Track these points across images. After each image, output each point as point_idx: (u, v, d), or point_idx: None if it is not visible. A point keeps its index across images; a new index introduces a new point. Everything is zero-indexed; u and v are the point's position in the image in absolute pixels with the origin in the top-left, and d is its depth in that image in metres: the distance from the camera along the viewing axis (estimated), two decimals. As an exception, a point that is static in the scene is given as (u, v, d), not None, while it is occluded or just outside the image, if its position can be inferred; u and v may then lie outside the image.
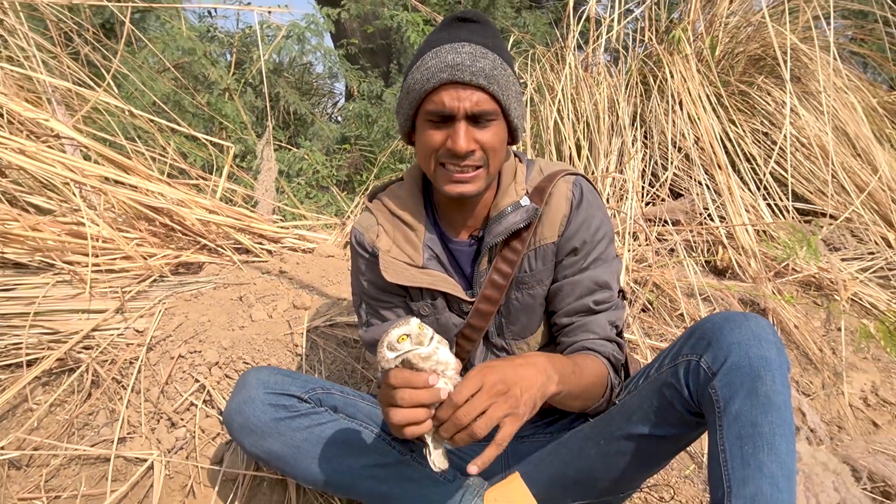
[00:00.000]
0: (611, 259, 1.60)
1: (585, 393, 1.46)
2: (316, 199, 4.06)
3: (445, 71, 1.36)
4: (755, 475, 1.26)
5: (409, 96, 1.45)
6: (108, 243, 2.40)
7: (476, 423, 1.13)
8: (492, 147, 1.44)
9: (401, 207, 1.60)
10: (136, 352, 2.15)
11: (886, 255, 3.24)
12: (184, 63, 4.09)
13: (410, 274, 1.56)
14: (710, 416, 1.37)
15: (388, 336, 1.20)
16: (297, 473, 1.61)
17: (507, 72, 1.42)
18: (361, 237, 1.62)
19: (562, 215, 1.54)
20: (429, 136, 1.43)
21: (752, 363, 1.31)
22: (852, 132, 3.54)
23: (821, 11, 3.70)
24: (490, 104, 1.40)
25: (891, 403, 2.60)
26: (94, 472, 1.91)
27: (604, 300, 1.57)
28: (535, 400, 1.23)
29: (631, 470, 1.60)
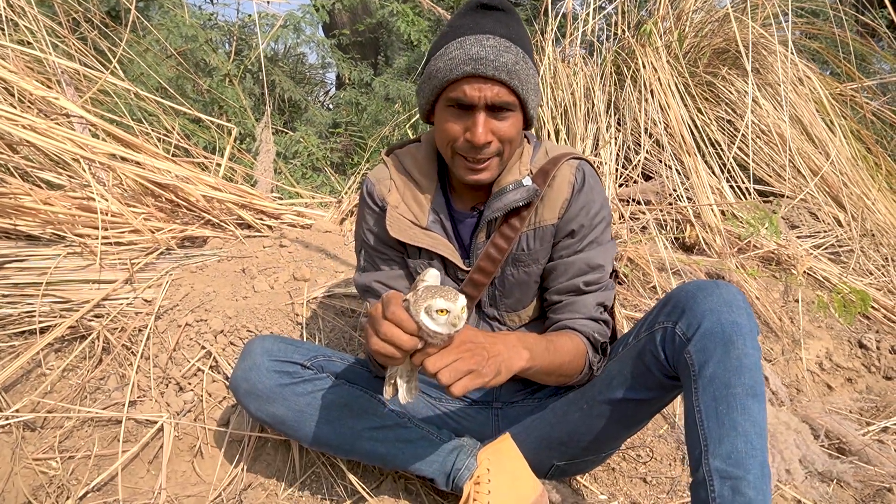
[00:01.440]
0: (606, 242, 1.54)
1: (560, 370, 1.41)
2: (311, 179, 3.96)
3: (469, 64, 1.29)
4: (730, 433, 1.24)
5: (430, 82, 1.37)
6: (116, 217, 2.30)
7: (441, 371, 1.10)
8: (509, 138, 1.38)
9: (415, 167, 1.53)
10: (144, 320, 2.07)
11: (837, 233, 3.23)
12: (186, 50, 3.96)
13: (413, 233, 1.49)
14: (686, 380, 1.34)
15: (434, 298, 1.11)
16: (301, 436, 1.55)
17: (528, 64, 1.35)
18: (372, 188, 1.55)
19: (563, 198, 1.48)
20: (448, 125, 1.37)
21: (724, 328, 1.29)
22: (807, 121, 3.51)
23: (779, 9, 3.66)
24: (510, 97, 1.33)
25: (843, 368, 2.58)
26: (106, 433, 1.84)
27: (594, 281, 1.50)
28: (500, 368, 1.20)
29: (612, 431, 1.57)
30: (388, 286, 1.55)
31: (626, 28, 3.57)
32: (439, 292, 1.12)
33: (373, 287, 1.56)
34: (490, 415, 1.68)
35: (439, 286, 1.16)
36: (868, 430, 2.31)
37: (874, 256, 3.20)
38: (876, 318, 2.84)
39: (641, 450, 2.04)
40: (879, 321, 2.84)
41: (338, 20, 6.38)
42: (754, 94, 3.34)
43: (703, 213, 3.01)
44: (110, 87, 2.80)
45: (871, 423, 2.37)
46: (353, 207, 2.88)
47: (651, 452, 2.01)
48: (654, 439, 2.10)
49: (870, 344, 2.69)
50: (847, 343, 2.70)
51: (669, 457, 2.06)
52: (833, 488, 2.03)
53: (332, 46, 4.84)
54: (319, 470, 1.82)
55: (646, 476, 1.99)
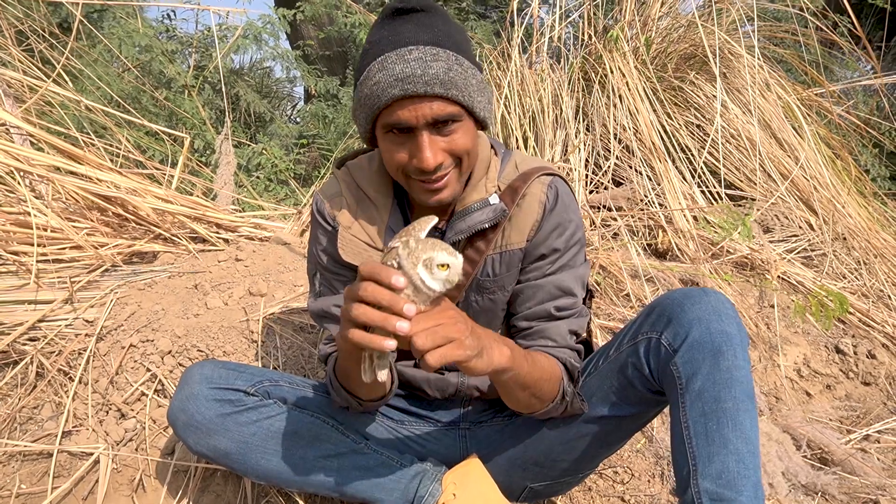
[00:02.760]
0: (578, 265, 1.37)
1: (535, 386, 1.24)
2: (275, 192, 3.80)
3: (395, 86, 1.10)
4: (720, 452, 1.12)
5: (362, 110, 1.19)
6: (56, 233, 2.13)
7: (418, 334, 0.93)
8: (463, 149, 1.19)
9: (368, 182, 1.35)
10: (84, 342, 1.89)
11: (809, 237, 3.15)
12: (142, 63, 3.79)
13: (368, 255, 1.33)
14: (672, 394, 1.21)
15: (435, 251, 0.98)
16: (248, 470, 1.38)
17: (464, 66, 1.14)
18: (322, 205, 1.38)
19: (533, 220, 1.31)
20: (393, 155, 1.19)
21: (714, 338, 1.16)
22: (775, 125, 3.45)
23: (744, 14, 3.60)
24: (451, 108, 1.14)
25: (822, 374, 2.49)
26: (35, 468, 1.65)
27: (566, 307, 1.34)
28: (482, 349, 1.03)
29: (591, 450, 1.44)
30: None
31: (592, 34, 3.49)
32: (439, 245, 0.99)
33: (331, 312, 1.39)
34: (457, 437, 1.53)
35: (433, 239, 1.02)
36: (850, 439, 2.21)
37: (847, 260, 3.13)
38: (851, 322, 2.76)
39: (619, 467, 1.91)
40: (855, 325, 2.75)
41: (304, 33, 6.24)
42: (723, 98, 3.27)
43: (676, 219, 2.92)
44: (55, 98, 2.63)
45: (852, 431, 2.27)
46: (314, 219, 2.73)
47: (630, 472, 1.88)
48: (632, 454, 1.97)
49: (847, 349, 2.60)
50: (824, 349, 2.60)
51: (648, 473, 1.93)
52: (818, 501, 1.92)
53: (297, 57, 4.69)
54: (273, 500, 1.66)
55: (623, 494, 1.86)
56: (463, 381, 1.46)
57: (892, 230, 3.60)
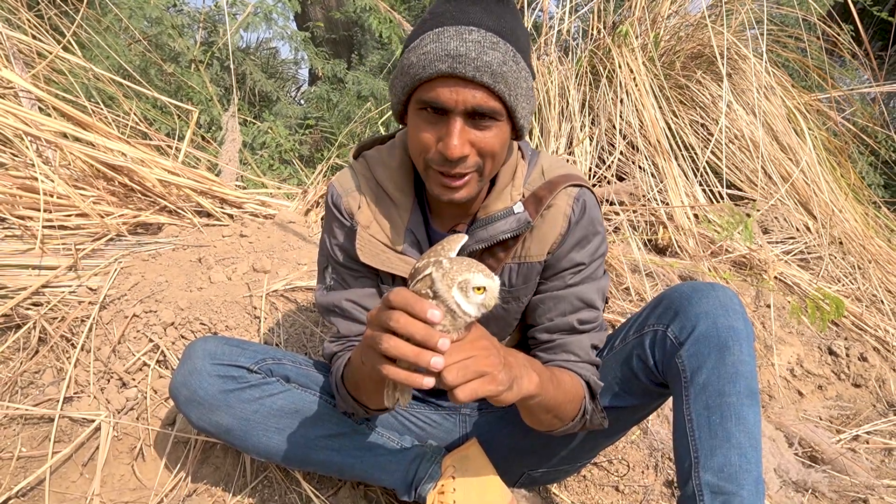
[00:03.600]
0: (599, 277, 1.31)
1: (559, 408, 1.19)
2: (279, 171, 3.77)
3: (445, 61, 1.02)
4: (723, 445, 1.11)
5: (402, 78, 1.10)
6: (62, 199, 2.10)
7: (449, 368, 0.86)
8: (491, 152, 1.11)
9: (388, 179, 1.27)
10: (87, 310, 1.87)
11: (806, 240, 3.15)
12: (151, 36, 3.73)
13: (387, 257, 1.26)
14: (676, 386, 1.19)
15: (471, 272, 0.90)
16: (249, 447, 1.37)
17: (520, 65, 1.07)
18: (339, 200, 1.29)
19: (556, 234, 1.24)
20: (420, 133, 1.11)
21: (720, 333, 1.15)
22: (778, 128, 3.44)
23: (753, 16, 3.58)
24: (494, 103, 1.06)
25: (814, 374, 2.49)
26: (36, 432, 1.63)
27: (589, 320, 1.29)
28: (514, 380, 0.98)
29: (590, 440, 1.43)
30: (362, 306, 1.32)
31: (601, 28, 3.46)
32: (474, 266, 0.91)
33: (342, 306, 1.32)
34: (457, 421, 1.52)
35: (467, 258, 0.94)
36: (840, 439, 2.22)
37: (842, 264, 3.13)
38: (844, 325, 2.76)
39: (614, 458, 1.91)
40: (848, 328, 2.75)
41: (311, 14, 6.17)
42: (728, 99, 3.25)
43: (677, 216, 2.90)
44: (65, 65, 2.59)
45: (842, 430, 2.27)
46: (318, 199, 2.70)
47: (625, 463, 1.88)
48: (627, 445, 1.97)
49: (839, 351, 2.60)
50: (817, 350, 2.61)
51: (642, 464, 1.93)
52: (808, 498, 1.92)
53: (305, 39, 4.63)
54: (272, 476, 1.65)
55: (618, 485, 1.85)
56: None
57: (885, 237, 3.61)
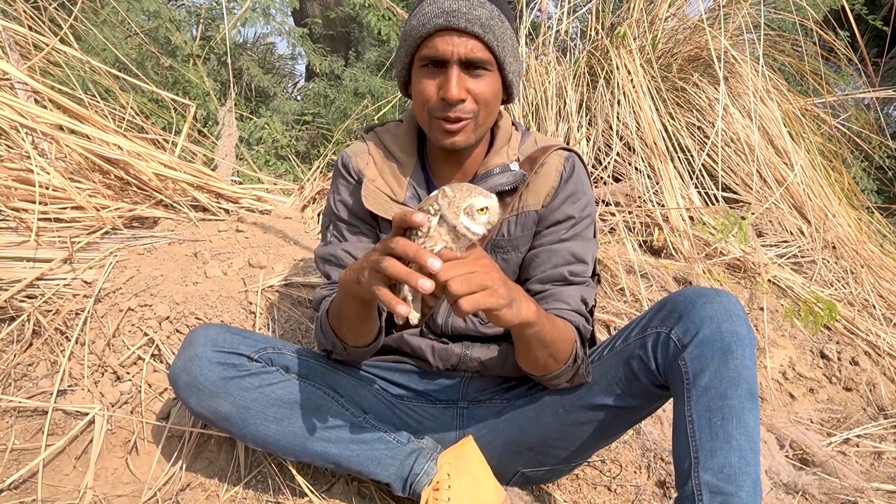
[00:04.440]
0: (589, 238, 1.42)
1: (554, 345, 1.26)
2: (275, 167, 3.76)
3: (441, 17, 1.22)
4: (724, 447, 1.12)
5: (405, 43, 1.30)
6: (58, 192, 2.08)
7: (453, 279, 0.95)
8: (484, 98, 1.28)
9: (395, 143, 1.43)
10: (82, 303, 1.86)
11: (800, 244, 3.16)
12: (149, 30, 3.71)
13: (389, 206, 1.37)
14: (678, 388, 1.21)
15: (472, 197, 1.00)
16: (246, 435, 1.37)
17: (505, 24, 1.26)
18: (348, 160, 1.43)
19: (550, 186, 1.37)
20: (423, 85, 1.28)
21: (724, 337, 1.17)
22: (773, 132, 3.45)
23: (750, 20, 3.59)
24: (484, 53, 1.25)
25: (806, 378, 2.50)
26: (29, 425, 1.63)
27: (579, 273, 1.37)
28: (514, 301, 1.05)
29: (586, 440, 1.44)
30: (355, 256, 1.40)
31: (600, 29, 3.47)
32: (475, 190, 1.02)
33: (337, 254, 1.42)
34: (454, 415, 1.52)
35: (464, 184, 1.04)
36: (830, 442, 2.23)
37: (835, 268, 3.15)
38: (837, 329, 2.78)
39: (607, 458, 1.91)
40: (840, 332, 2.77)
41: (309, 11, 6.16)
42: (725, 102, 3.26)
43: (672, 217, 2.91)
44: (62, 57, 2.57)
45: (832, 434, 2.29)
46: (315, 195, 2.70)
47: (618, 463, 1.89)
48: (619, 445, 1.97)
49: (831, 354, 2.62)
50: (809, 353, 2.62)
51: (634, 464, 1.94)
52: (798, 500, 1.93)
53: (302, 35, 4.62)
54: (266, 470, 1.65)
55: (610, 484, 1.86)
56: (466, 353, 1.46)
57: (878, 242, 3.63)
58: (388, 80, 4.75)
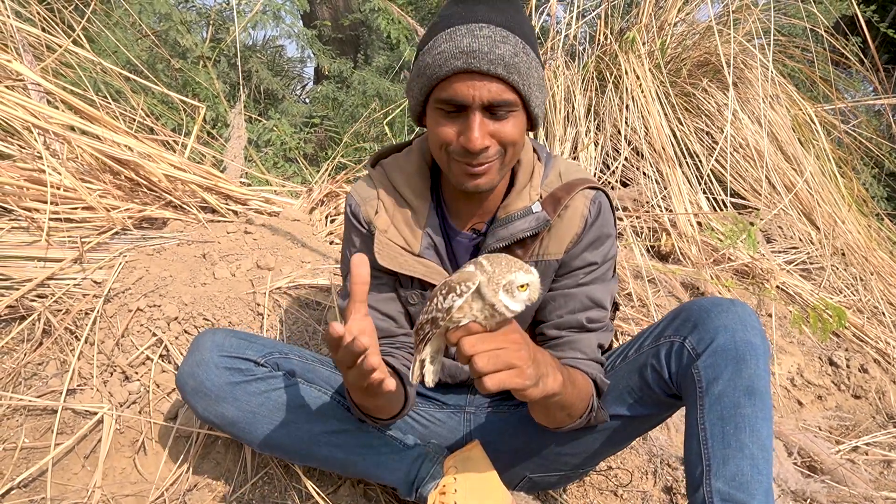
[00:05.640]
0: (609, 279, 1.36)
1: (572, 407, 1.23)
2: (283, 169, 3.77)
3: (460, 58, 1.09)
4: (736, 455, 1.12)
5: (419, 80, 1.17)
6: (69, 192, 2.10)
7: (479, 355, 0.92)
8: (511, 140, 1.17)
9: (405, 184, 1.31)
10: (92, 303, 1.87)
11: (808, 250, 3.15)
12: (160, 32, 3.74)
13: (405, 260, 1.29)
14: (691, 396, 1.21)
15: (513, 272, 0.93)
16: (253, 439, 1.37)
17: (530, 56, 1.13)
18: (357, 209, 1.33)
19: (573, 233, 1.29)
20: (440, 128, 1.16)
21: (738, 347, 1.17)
22: (782, 138, 3.44)
23: (760, 26, 3.59)
24: (509, 94, 1.12)
25: (814, 384, 2.49)
26: (38, 423, 1.64)
27: (597, 319, 1.33)
28: (541, 377, 1.01)
29: (595, 447, 1.44)
30: (379, 310, 1.36)
31: (609, 34, 3.47)
32: (515, 264, 0.95)
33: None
34: (461, 420, 1.53)
35: (502, 256, 0.98)
36: (839, 449, 2.22)
37: (844, 275, 3.13)
38: (845, 336, 2.77)
39: (613, 463, 1.91)
40: (849, 339, 2.76)
41: (318, 13, 6.18)
42: (734, 108, 3.26)
43: (680, 223, 2.91)
44: (74, 58, 2.59)
45: (841, 441, 2.28)
46: (323, 197, 2.71)
47: (625, 469, 1.88)
48: (626, 451, 1.97)
49: (840, 361, 2.60)
50: (818, 360, 2.61)
51: (641, 470, 1.93)
52: (806, 508, 1.93)
53: (312, 38, 4.64)
54: (273, 471, 1.65)
55: (616, 489, 1.86)
56: None
57: (888, 249, 3.61)
58: (396, 82, 4.76)
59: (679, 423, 2.03)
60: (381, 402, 1.24)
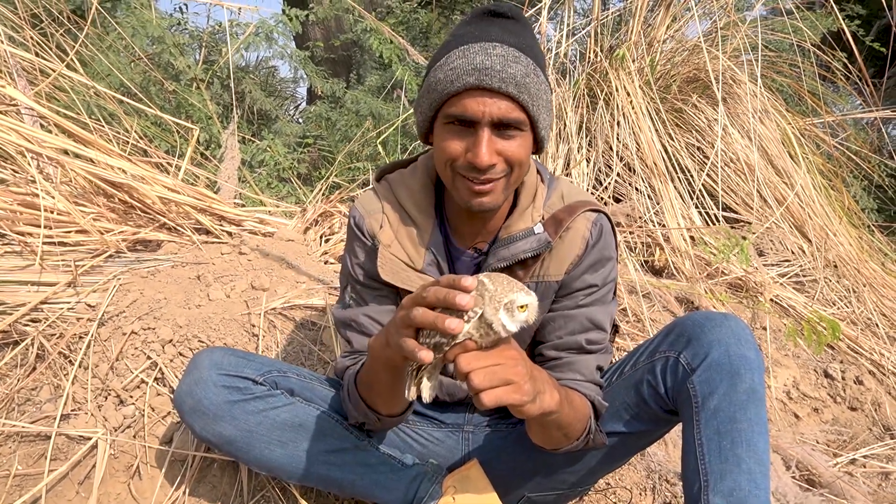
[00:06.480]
0: (609, 302, 1.36)
1: (569, 427, 1.23)
2: (277, 189, 3.77)
3: (472, 75, 1.10)
4: (733, 470, 1.11)
5: (429, 95, 1.18)
6: (63, 216, 2.09)
7: (476, 372, 0.92)
8: (517, 160, 1.18)
9: (410, 200, 1.33)
10: (86, 326, 1.86)
11: (801, 263, 3.17)
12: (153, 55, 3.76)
13: (407, 276, 1.31)
14: (687, 411, 1.21)
15: (514, 293, 0.94)
16: (250, 459, 1.36)
17: (540, 78, 1.15)
18: (362, 221, 1.35)
19: (574, 255, 1.29)
20: (448, 143, 1.17)
21: (733, 361, 1.17)
22: (772, 152, 3.48)
23: (748, 41, 3.63)
24: (518, 113, 1.14)
25: (810, 397, 2.49)
26: (32, 450, 1.62)
27: (596, 341, 1.33)
28: (536, 395, 1.01)
29: (593, 465, 1.43)
30: (378, 321, 1.36)
31: (599, 52, 3.50)
32: (516, 285, 0.96)
33: (359, 321, 1.37)
34: (460, 439, 1.52)
35: (502, 275, 0.99)
36: (837, 462, 2.22)
37: (837, 287, 3.15)
38: (840, 348, 2.77)
39: (611, 479, 1.90)
40: (844, 351, 2.77)
41: (311, 34, 6.23)
42: (724, 122, 3.29)
43: (673, 237, 2.92)
44: (67, 82, 2.60)
45: (838, 454, 2.28)
46: (317, 217, 2.71)
47: (623, 485, 1.88)
48: (624, 467, 1.96)
49: (835, 374, 2.61)
50: (813, 372, 2.61)
51: (639, 486, 1.93)
52: (806, 522, 1.92)
53: (304, 59, 4.67)
54: (270, 494, 1.64)
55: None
56: None
57: (879, 261, 3.64)
58: (389, 102, 4.79)
59: (676, 438, 2.02)
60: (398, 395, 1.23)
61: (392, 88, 4.93)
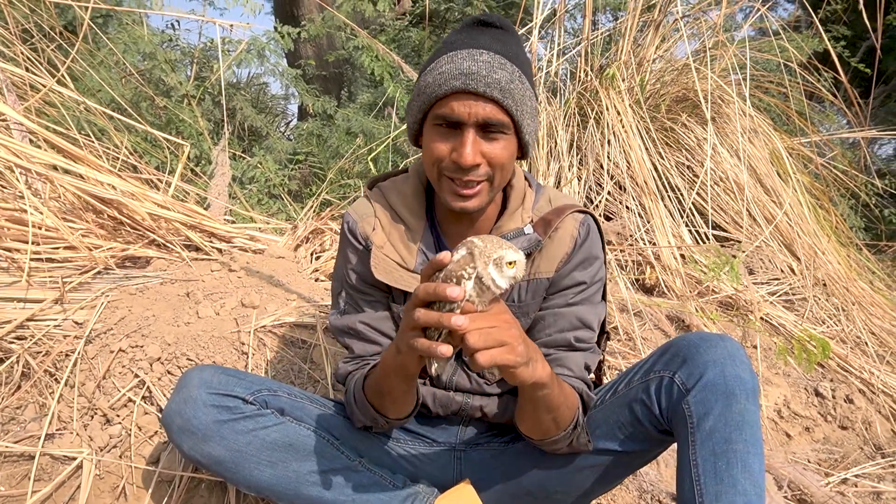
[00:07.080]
0: (597, 302, 1.39)
1: (559, 410, 1.24)
2: (267, 206, 3.76)
3: (459, 78, 1.16)
4: (729, 491, 1.11)
5: (419, 98, 1.24)
6: (51, 232, 2.08)
7: (472, 332, 0.95)
8: (499, 162, 1.23)
9: (402, 203, 1.37)
10: (73, 344, 1.84)
11: (791, 281, 3.19)
12: (144, 70, 3.76)
13: (399, 275, 1.34)
14: (682, 432, 1.21)
15: (503, 249, 0.99)
16: (240, 479, 1.34)
17: (525, 85, 1.21)
18: (355, 225, 1.38)
19: (564, 252, 1.33)
20: (435, 144, 1.23)
21: (728, 381, 1.18)
22: (761, 171, 3.51)
23: (736, 61, 3.68)
24: (502, 116, 1.19)
25: (801, 416, 2.50)
26: (15, 470, 1.59)
27: (585, 339, 1.36)
28: (531, 360, 1.04)
29: (586, 485, 1.42)
30: (375, 328, 1.39)
31: (589, 71, 3.54)
32: (504, 243, 1.00)
33: (357, 328, 1.39)
34: (451, 458, 1.51)
35: (490, 236, 1.03)
36: (829, 482, 2.22)
37: (826, 305, 3.17)
38: (830, 366, 2.78)
39: (604, 499, 1.89)
40: (833, 370, 2.77)
41: (302, 52, 6.25)
42: (713, 142, 3.32)
43: (664, 256, 2.93)
44: (58, 98, 2.59)
45: (830, 473, 2.27)
46: (308, 234, 2.70)
47: None
48: (616, 488, 1.95)
49: (826, 392, 2.61)
50: (804, 391, 2.62)
51: (632, 506, 1.92)
52: (798, 543, 1.91)
53: (296, 76, 4.68)
54: (258, 515, 1.61)
55: (608, 527, 1.83)
56: (467, 402, 1.45)
57: (867, 279, 3.67)
58: (380, 119, 4.81)
59: (668, 458, 2.02)
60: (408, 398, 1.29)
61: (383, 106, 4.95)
